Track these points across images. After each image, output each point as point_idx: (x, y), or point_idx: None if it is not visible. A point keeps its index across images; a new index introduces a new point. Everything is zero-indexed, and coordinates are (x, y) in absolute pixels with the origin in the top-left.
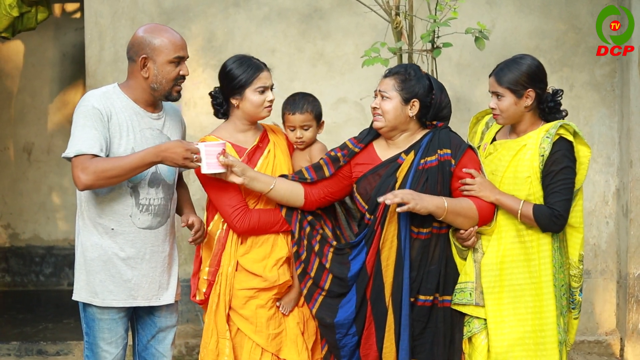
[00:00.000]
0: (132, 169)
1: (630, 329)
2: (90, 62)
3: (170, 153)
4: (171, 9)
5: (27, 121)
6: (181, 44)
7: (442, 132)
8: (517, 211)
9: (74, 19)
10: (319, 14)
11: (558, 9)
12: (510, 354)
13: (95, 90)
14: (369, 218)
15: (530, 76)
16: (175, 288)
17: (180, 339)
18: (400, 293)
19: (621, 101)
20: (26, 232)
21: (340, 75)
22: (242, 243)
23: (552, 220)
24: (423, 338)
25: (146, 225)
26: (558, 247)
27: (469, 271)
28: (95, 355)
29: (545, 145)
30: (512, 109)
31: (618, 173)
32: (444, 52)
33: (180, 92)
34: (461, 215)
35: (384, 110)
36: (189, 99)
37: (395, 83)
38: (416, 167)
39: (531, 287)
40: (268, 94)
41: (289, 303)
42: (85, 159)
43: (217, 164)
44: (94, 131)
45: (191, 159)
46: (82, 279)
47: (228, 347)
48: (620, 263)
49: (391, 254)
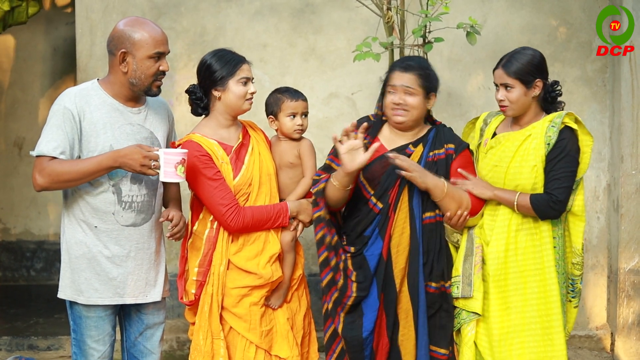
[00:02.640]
0: (88, 173)
1: (620, 324)
2: (81, 56)
3: (128, 159)
4: (162, 3)
5: (18, 116)
6: (161, 38)
7: (445, 129)
8: (513, 202)
9: (65, 13)
10: (311, 8)
11: (550, 4)
12: (516, 339)
13: (73, 88)
14: (375, 203)
15: (537, 66)
16: (162, 285)
17: (171, 333)
18: (417, 279)
19: (612, 96)
20: (17, 226)
21: (332, 70)
22: (233, 241)
23: (550, 205)
24: (433, 322)
25: (130, 223)
26: (562, 235)
27: (457, 265)
28: (82, 352)
29: (551, 133)
30: (522, 100)
31: (609, 168)
32: (435, 47)
33: (160, 87)
34: (456, 200)
35: (412, 105)
36: (180, 94)
37: (416, 78)
38: (426, 159)
39: (535, 274)
40: (250, 86)
41: (278, 299)
42: (44, 160)
43: (174, 173)
44: (60, 132)
45: (149, 166)
46: (67, 277)
47: (223, 348)
48: (611, 258)
49: (402, 240)
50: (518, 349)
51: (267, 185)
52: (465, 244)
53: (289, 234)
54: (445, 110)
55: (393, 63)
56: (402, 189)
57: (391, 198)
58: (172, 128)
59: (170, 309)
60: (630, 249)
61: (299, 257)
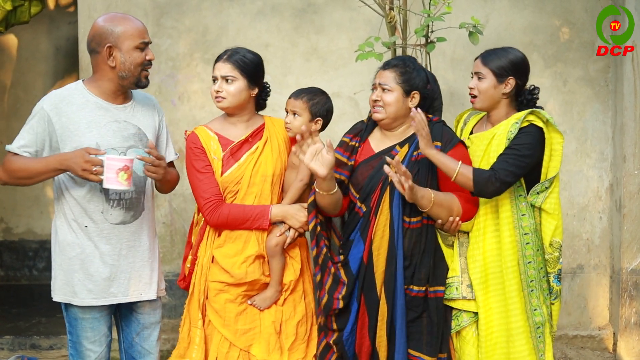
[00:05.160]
0: (38, 173)
1: (623, 324)
2: (84, 56)
3: (71, 162)
4: (165, 2)
5: (21, 115)
6: (143, 29)
7: (435, 126)
8: (454, 170)
9: (67, 12)
10: (313, 8)
11: (552, 4)
12: (496, 344)
13: (56, 90)
14: (359, 207)
15: (515, 65)
16: (157, 283)
17: (172, 333)
18: (394, 282)
19: (615, 96)
20: (19, 226)
21: (334, 69)
22: (218, 236)
23: (491, 181)
24: (415, 326)
25: (119, 221)
26: (534, 230)
27: (455, 266)
28: (79, 354)
29: (512, 129)
30: (490, 92)
31: (611, 168)
32: (437, 46)
33: (148, 77)
34: (445, 208)
35: (386, 102)
36: (183, 93)
37: (395, 75)
38: (409, 158)
39: (501, 275)
40: (215, 84)
41: (264, 301)
42: (9, 155)
43: (115, 179)
44: (31, 132)
45: (90, 171)
46: (60, 279)
47: (199, 337)
48: (613, 258)
49: (382, 244)
50: (493, 351)
51: (259, 187)
52: (458, 246)
53: (273, 238)
54: (448, 110)
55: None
56: (383, 193)
57: (373, 202)
58: (161, 123)
59: (171, 309)
60: (633, 249)
61: (293, 262)
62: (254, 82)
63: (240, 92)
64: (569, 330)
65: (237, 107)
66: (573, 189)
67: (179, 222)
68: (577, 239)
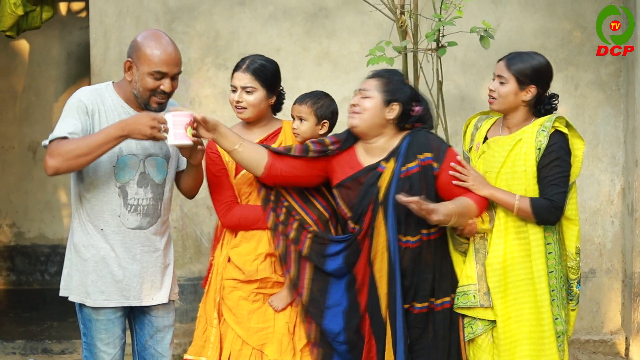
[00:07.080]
0: (99, 145)
1: (635, 328)
2: (95, 61)
3: (137, 124)
4: (176, 7)
5: (33, 120)
6: (167, 59)
7: (419, 135)
8: (513, 205)
9: (79, 17)
10: (324, 12)
11: (563, 8)
12: (519, 353)
13: (88, 87)
14: (353, 227)
15: (538, 73)
16: (169, 287)
17: (185, 337)
18: (395, 304)
19: (626, 100)
20: (31, 230)
21: (345, 74)
22: (235, 236)
23: (551, 211)
24: (421, 343)
25: (135, 226)
26: (557, 240)
27: (471, 273)
28: (93, 355)
29: (542, 138)
30: (510, 97)
31: (623, 172)
32: (449, 51)
33: (160, 105)
34: (464, 216)
35: (363, 107)
36: (194, 98)
37: (378, 84)
38: (398, 175)
39: (528, 283)
40: (233, 95)
41: (280, 300)
42: (54, 143)
43: (184, 135)
44: (74, 120)
45: (158, 129)
46: (75, 280)
47: (214, 335)
48: (625, 262)
49: (383, 266)
50: (512, 358)
51: None
52: (474, 253)
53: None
54: (459, 114)
55: None
56: (375, 214)
57: (365, 224)
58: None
59: (184, 313)
60: None
61: None
62: (272, 91)
63: (260, 102)
64: (581, 335)
65: (257, 115)
66: (585, 193)
67: (190, 226)
68: (589, 244)
